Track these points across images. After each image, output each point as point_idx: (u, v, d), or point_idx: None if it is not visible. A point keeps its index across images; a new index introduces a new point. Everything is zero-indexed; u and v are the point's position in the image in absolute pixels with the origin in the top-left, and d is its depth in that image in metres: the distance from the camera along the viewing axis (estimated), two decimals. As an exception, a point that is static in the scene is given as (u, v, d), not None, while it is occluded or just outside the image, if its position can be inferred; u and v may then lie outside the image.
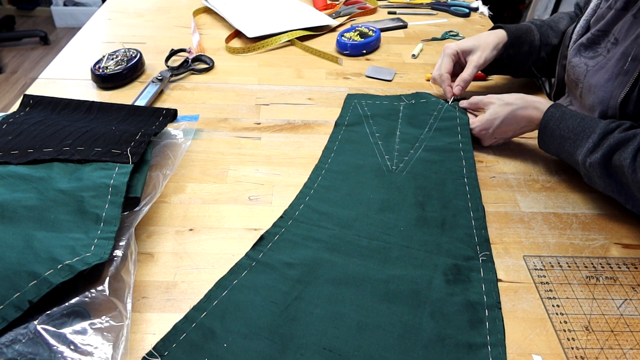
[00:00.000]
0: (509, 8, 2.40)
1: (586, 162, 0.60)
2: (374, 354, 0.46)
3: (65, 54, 0.96)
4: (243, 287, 0.51)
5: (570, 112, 0.64)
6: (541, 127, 0.67)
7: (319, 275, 0.53)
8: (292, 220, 0.60)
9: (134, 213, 0.56)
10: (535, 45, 0.82)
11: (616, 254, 0.59)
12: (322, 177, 0.67)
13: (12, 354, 0.41)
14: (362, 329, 0.48)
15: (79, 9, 3.06)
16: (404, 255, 0.56)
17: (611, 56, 0.65)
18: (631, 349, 0.48)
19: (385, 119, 0.79)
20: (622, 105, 0.62)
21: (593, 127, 0.61)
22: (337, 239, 0.57)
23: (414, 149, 0.72)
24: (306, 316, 0.49)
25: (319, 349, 0.46)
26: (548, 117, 0.65)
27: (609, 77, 0.64)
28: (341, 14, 1.20)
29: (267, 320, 0.48)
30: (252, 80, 0.91)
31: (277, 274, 0.53)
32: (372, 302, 0.51)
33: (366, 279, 0.53)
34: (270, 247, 0.56)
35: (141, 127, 0.67)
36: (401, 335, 0.48)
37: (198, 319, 0.48)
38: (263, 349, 0.46)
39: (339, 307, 0.50)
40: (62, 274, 0.45)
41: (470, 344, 0.47)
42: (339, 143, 0.74)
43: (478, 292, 0.52)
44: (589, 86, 0.67)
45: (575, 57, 0.72)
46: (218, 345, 0.46)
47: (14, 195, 0.53)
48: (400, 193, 0.64)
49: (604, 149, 0.58)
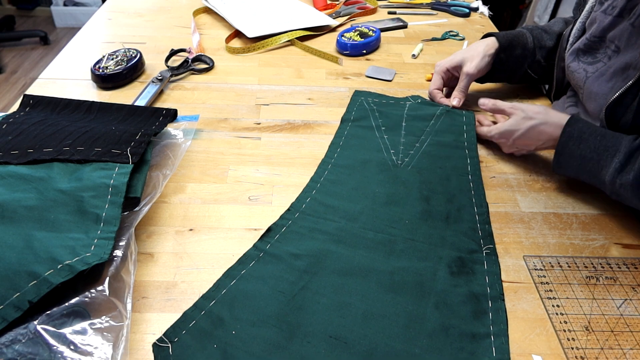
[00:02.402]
0: (509, 8, 2.40)
1: (616, 182, 0.58)
2: (379, 342, 0.47)
3: (65, 54, 0.96)
4: (251, 277, 0.52)
5: (589, 129, 0.61)
6: (559, 148, 0.63)
7: (325, 266, 0.54)
8: (299, 213, 0.61)
9: (134, 213, 0.56)
10: (529, 47, 0.81)
11: (616, 254, 0.59)
12: (329, 171, 0.68)
13: (12, 354, 0.41)
14: (367, 318, 0.49)
15: (79, 9, 3.06)
16: (409, 247, 0.57)
17: (612, 64, 0.64)
18: (631, 349, 0.48)
19: (391, 113, 0.80)
20: (610, 109, 0.61)
21: (616, 144, 0.59)
22: (343, 231, 0.58)
23: (419, 142, 0.73)
24: (313, 305, 0.50)
25: (325, 337, 0.47)
26: (566, 137, 0.62)
27: (612, 85, 0.63)
28: (341, 14, 1.20)
29: (274, 308, 0.49)
30: (252, 80, 0.91)
31: (284, 265, 0.54)
32: (378, 292, 0.51)
33: (372, 270, 0.54)
34: (277, 239, 0.57)
35: (141, 127, 0.67)
36: (406, 325, 0.49)
37: (207, 307, 0.49)
38: (271, 336, 0.47)
39: (345, 297, 0.51)
40: (62, 274, 0.45)
41: (473, 333, 0.48)
42: (345, 138, 0.75)
43: (481, 284, 0.53)
44: (589, 93, 0.67)
45: (574, 62, 0.71)
46: (227, 332, 0.47)
47: (14, 195, 0.53)
48: (405, 187, 0.65)
49: (636, 169, 0.56)
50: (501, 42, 0.80)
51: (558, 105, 0.79)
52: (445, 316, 0.49)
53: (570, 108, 0.74)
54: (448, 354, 0.46)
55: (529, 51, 0.81)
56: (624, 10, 0.64)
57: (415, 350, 0.46)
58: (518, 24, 2.35)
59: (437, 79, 0.82)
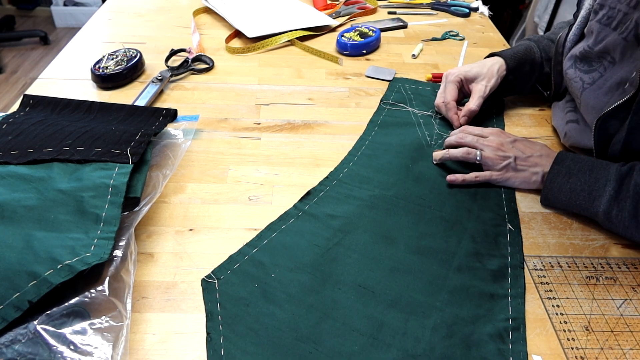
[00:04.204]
0: (509, 8, 2.40)
1: (612, 212, 0.57)
2: (403, 293, 0.52)
3: (65, 54, 0.96)
4: (290, 231, 0.59)
5: (576, 163, 0.61)
6: (547, 183, 0.63)
7: (358, 226, 0.59)
8: (337, 181, 0.67)
9: (134, 213, 0.56)
10: (537, 62, 0.79)
11: (616, 254, 0.59)
12: (366, 147, 0.74)
13: (12, 354, 0.41)
14: (394, 272, 0.54)
15: (79, 9, 3.06)
16: (437, 217, 0.61)
17: (609, 76, 0.63)
18: (631, 349, 0.48)
19: (426, 98, 0.86)
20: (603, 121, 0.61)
21: (605, 174, 0.58)
22: (376, 198, 0.64)
23: (452, 130, 0.78)
24: (345, 259, 0.55)
25: (354, 286, 0.52)
26: (554, 173, 0.62)
27: (607, 99, 0.62)
28: (341, 14, 1.20)
29: (310, 258, 0.55)
30: (252, 80, 0.91)
31: (321, 223, 0.60)
32: (405, 253, 0.56)
33: (400, 235, 0.59)
34: (315, 202, 0.63)
35: (141, 127, 0.67)
36: (429, 281, 0.53)
37: (250, 253, 0.56)
38: (305, 281, 0.52)
39: (374, 254, 0.56)
40: (62, 274, 0.45)
41: (492, 293, 0.52)
42: (383, 117, 0.81)
43: (503, 255, 0.57)
44: (586, 104, 0.66)
45: (571, 69, 0.70)
46: (267, 275, 0.53)
47: (13, 195, 0.53)
48: (436, 165, 0.70)
49: (632, 198, 0.55)
50: (509, 65, 0.78)
51: (558, 107, 0.78)
52: (466, 277, 0.54)
53: (570, 114, 0.74)
54: (467, 309, 0.50)
55: (537, 66, 0.80)
56: (619, 23, 0.62)
57: (436, 303, 0.51)
58: (518, 24, 2.34)
59: (453, 88, 0.78)
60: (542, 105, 0.87)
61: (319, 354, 0.46)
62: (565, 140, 0.74)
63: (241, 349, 0.46)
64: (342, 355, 0.46)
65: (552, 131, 0.80)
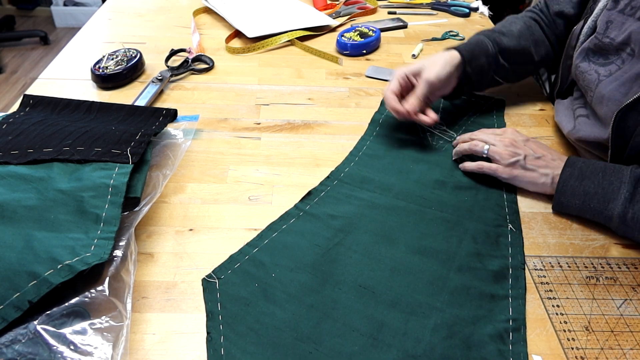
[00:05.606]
0: (509, 8, 2.40)
1: (627, 215, 0.57)
2: (404, 293, 0.52)
3: (65, 54, 0.96)
4: (291, 231, 0.59)
5: (588, 166, 0.61)
6: (560, 186, 0.62)
7: (359, 227, 0.59)
8: (337, 181, 0.67)
9: (134, 213, 0.56)
10: (491, 53, 0.78)
11: (616, 254, 0.59)
12: (367, 147, 0.74)
13: (12, 354, 0.41)
14: (394, 273, 0.54)
15: (79, 9, 3.06)
16: (437, 218, 0.61)
17: (628, 69, 0.62)
18: (631, 349, 0.48)
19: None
20: (623, 113, 0.60)
21: (619, 177, 0.58)
22: (377, 199, 0.64)
23: (453, 129, 0.79)
24: (345, 259, 0.55)
25: (355, 286, 0.52)
26: (567, 175, 0.61)
27: (626, 91, 0.61)
28: (341, 14, 1.20)
29: (310, 258, 0.55)
30: (252, 80, 0.91)
31: (322, 223, 0.60)
32: (405, 253, 0.56)
33: (401, 235, 0.59)
34: (316, 201, 0.63)
35: (141, 127, 0.67)
36: (430, 282, 0.53)
37: (250, 253, 0.56)
38: (306, 281, 0.52)
39: (375, 254, 0.56)
40: (62, 274, 0.45)
41: (492, 294, 0.52)
42: (385, 117, 0.81)
43: (504, 255, 0.57)
44: (600, 97, 0.65)
45: (584, 62, 0.69)
46: (267, 275, 0.53)
47: (13, 195, 0.53)
48: (437, 166, 0.71)
49: None
50: (464, 55, 0.76)
51: (563, 105, 0.77)
52: (467, 278, 0.54)
53: (580, 109, 0.73)
54: (467, 309, 0.50)
55: (492, 57, 0.78)
56: None
57: (437, 304, 0.51)
58: (518, 24, 2.34)
59: (395, 83, 0.74)
60: (542, 105, 0.87)
61: (319, 354, 0.46)
62: (571, 134, 0.72)
63: (241, 348, 0.46)
64: (342, 356, 0.46)
65: (552, 131, 0.80)
